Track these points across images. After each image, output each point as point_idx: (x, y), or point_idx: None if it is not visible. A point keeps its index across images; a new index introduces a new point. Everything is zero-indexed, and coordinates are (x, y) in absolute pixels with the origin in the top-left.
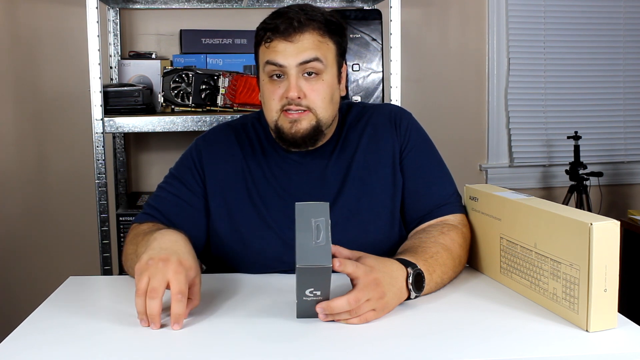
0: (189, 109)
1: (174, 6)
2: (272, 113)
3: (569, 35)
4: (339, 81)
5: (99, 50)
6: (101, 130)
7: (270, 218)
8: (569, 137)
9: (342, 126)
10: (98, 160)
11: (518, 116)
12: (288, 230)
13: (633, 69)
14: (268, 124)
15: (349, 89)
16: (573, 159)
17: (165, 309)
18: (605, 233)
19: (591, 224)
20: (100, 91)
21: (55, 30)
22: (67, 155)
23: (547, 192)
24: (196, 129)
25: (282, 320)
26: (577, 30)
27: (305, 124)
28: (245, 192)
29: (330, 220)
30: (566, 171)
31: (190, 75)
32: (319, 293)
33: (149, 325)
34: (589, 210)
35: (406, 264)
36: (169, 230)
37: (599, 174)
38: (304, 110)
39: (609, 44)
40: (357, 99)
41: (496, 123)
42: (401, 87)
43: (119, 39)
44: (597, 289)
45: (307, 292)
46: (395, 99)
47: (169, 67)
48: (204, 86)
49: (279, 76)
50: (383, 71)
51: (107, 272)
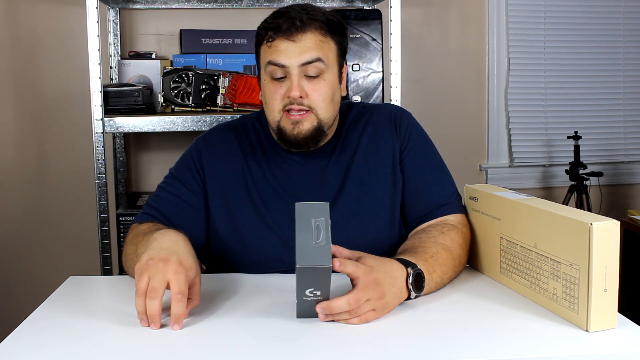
0: (189, 109)
1: (174, 6)
2: (274, 113)
3: (569, 35)
4: (340, 81)
5: (99, 50)
6: (101, 130)
7: (270, 218)
8: (569, 137)
9: (342, 126)
10: (98, 160)
11: (518, 116)
12: (288, 230)
13: (633, 69)
14: (268, 124)
15: (349, 89)
16: (573, 159)
17: (165, 309)
18: (605, 233)
19: (591, 224)
20: (100, 91)
21: (55, 30)
22: (67, 155)
23: (547, 192)
24: (196, 129)
25: (282, 320)
26: (577, 30)
27: (307, 125)
28: (245, 192)
29: (330, 220)
30: (566, 171)
31: (190, 75)
32: (319, 293)
33: (149, 325)
34: (589, 210)
35: (406, 264)
36: (169, 230)
37: (599, 174)
38: (306, 111)
39: (609, 44)
40: (357, 99)
41: (496, 123)
42: (401, 87)
43: (119, 39)
44: (597, 289)
45: (307, 292)
46: (395, 99)
47: (169, 67)
48: (204, 86)
49: (280, 77)
50: (383, 71)
51: (107, 272)
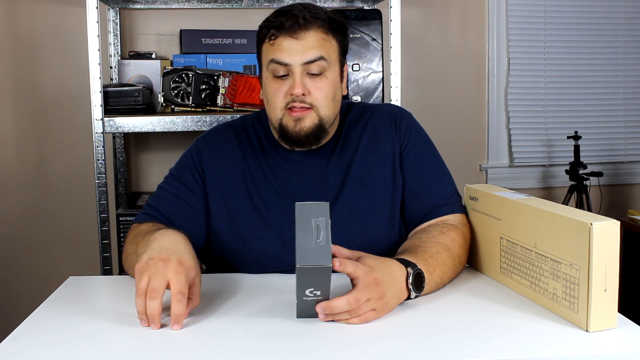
0: (189, 109)
1: (174, 6)
2: (277, 111)
3: (569, 35)
4: (341, 80)
5: (99, 50)
6: (101, 130)
7: (270, 218)
8: (569, 137)
9: (342, 126)
10: (98, 160)
11: (518, 116)
12: (288, 230)
13: (633, 69)
14: (269, 123)
15: (349, 89)
16: (573, 159)
17: (165, 309)
18: (605, 233)
19: (591, 224)
20: (100, 91)
21: (55, 30)
22: (67, 155)
23: (547, 192)
24: (196, 129)
25: (282, 320)
26: (577, 30)
27: (308, 122)
28: (245, 192)
29: (330, 220)
30: (566, 171)
31: (190, 75)
32: (319, 293)
33: (149, 325)
34: (589, 210)
35: (406, 263)
36: (169, 230)
37: (599, 174)
38: (307, 108)
39: (609, 44)
40: (357, 99)
41: (496, 123)
42: (401, 87)
43: (119, 39)
44: (597, 289)
45: (307, 292)
46: (395, 99)
47: (169, 67)
48: (204, 86)
49: (283, 75)
50: (383, 71)
51: (107, 272)
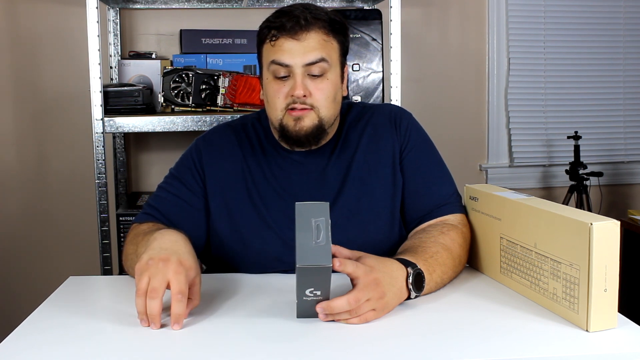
0: (189, 109)
1: (174, 6)
2: (277, 112)
3: (569, 35)
4: (342, 80)
5: (99, 50)
6: (101, 130)
7: (270, 218)
8: (569, 137)
9: (343, 126)
10: (98, 160)
11: (518, 116)
12: (288, 230)
13: (633, 69)
14: (269, 124)
15: (349, 89)
16: (573, 159)
17: (166, 309)
18: (605, 233)
19: (591, 224)
20: (100, 91)
21: (55, 30)
22: (67, 155)
23: (547, 192)
24: (196, 129)
25: (282, 320)
26: (577, 30)
27: (308, 121)
28: (245, 192)
29: (330, 220)
30: (566, 171)
31: (190, 75)
32: (319, 293)
33: (149, 325)
34: (589, 210)
35: (406, 263)
36: (169, 230)
37: (599, 174)
38: (308, 108)
39: (609, 44)
40: (357, 99)
41: (496, 123)
42: (401, 87)
43: (119, 39)
44: (597, 289)
45: (307, 292)
46: (395, 99)
47: (169, 67)
48: (204, 86)
49: (283, 76)
50: (383, 71)
51: (107, 272)
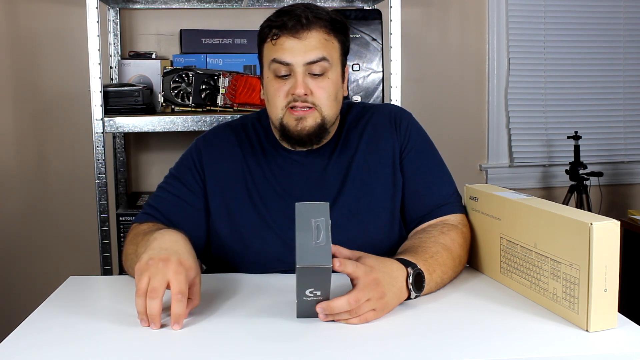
0: (189, 109)
1: (174, 6)
2: (277, 110)
3: (569, 35)
4: (343, 80)
5: (99, 50)
6: (101, 130)
7: (270, 218)
8: (569, 137)
9: (342, 126)
10: (98, 160)
11: (518, 116)
12: (288, 230)
13: (633, 69)
14: (270, 123)
15: (349, 89)
16: (573, 159)
17: (166, 309)
18: (605, 233)
19: (591, 224)
20: (100, 91)
21: (55, 30)
22: (67, 155)
23: (547, 192)
24: (196, 129)
25: (282, 320)
26: (577, 30)
27: (310, 121)
28: (245, 192)
29: (330, 220)
30: (566, 171)
31: (190, 75)
32: (319, 293)
33: (149, 325)
34: (589, 210)
35: (406, 263)
36: (169, 230)
37: (599, 174)
38: (310, 108)
39: (609, 44)
40: (357, 99)
41: (496, 123)
42: (401, 87)
43: (119, 39)
44: (597, 289)
45: (307, 292)
46: (395, 99)
47: (169, 67)
48: (204, 86)
49: (284, 75)
50: (383, 71)
51: (107, 272)
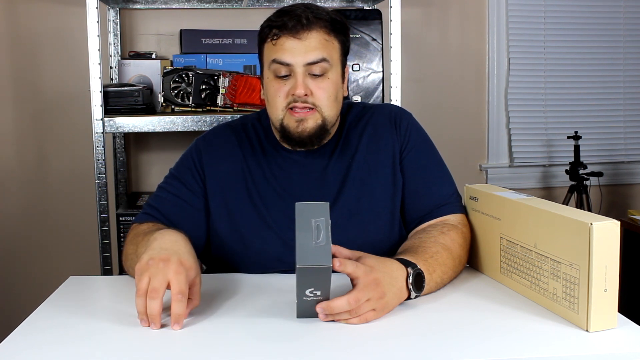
0: (189, 109)
1: (174, 6)
2: (278, 111)
3: (569, 35)
4: (343, 80)
5: (99, 50)
6: (101, 130)
7: (270, 218)
8: (569, 137)
9: (343, 126)
10: (98, 160)
11: (518, 116)
12: (288, 230)
13: (633, 69)
14: (270, 123)
15: (349, 89)
16: (573, 159)
17: (166, 309)
18: (605, 233)
19: (591, 224)
20: (100, 91)
21: (55, 30)
22: (67, 155)
23: (547, 192)
24: (196, 129)
25: (282, 320)
26: (577, 30)
27: (311, 122)
28: (245, 192)
29: (330, 220)
30: (566, 171)
31: (190, 75)
32: (319, 293)
33: (149, 325)
34: (589, 210)
35: (406, 263)
36: (169, 230)
37: (599, 174)
38: (310, 109)
39: (609, 44)
40: (357, 99)
41: (496, 123)
42: (401, 87)
43: (119, 39)
44: (597, 289)
45: (307, 292)
46: (395, 99)
47: (169, 67)
48: (204, 86)
49: (285, 75)
50: (383, 71)
51: (107, 272)
